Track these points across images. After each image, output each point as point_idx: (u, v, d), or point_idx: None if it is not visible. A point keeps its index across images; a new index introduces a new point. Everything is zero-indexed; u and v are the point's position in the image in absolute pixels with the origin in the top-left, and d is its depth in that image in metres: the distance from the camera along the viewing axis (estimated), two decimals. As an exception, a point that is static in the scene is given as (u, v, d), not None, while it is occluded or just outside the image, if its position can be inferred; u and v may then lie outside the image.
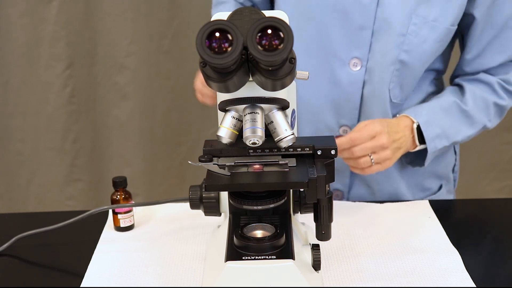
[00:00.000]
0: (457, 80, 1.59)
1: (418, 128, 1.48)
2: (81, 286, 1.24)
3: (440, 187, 1.68)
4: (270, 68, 0.99)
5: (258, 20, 0.95)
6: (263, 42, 0.95)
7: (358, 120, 1.55)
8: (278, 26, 0.95)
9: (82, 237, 1.43)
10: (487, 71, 1.54)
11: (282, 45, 0.95)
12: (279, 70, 0.99)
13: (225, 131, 1.09)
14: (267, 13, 1.01)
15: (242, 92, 1.07)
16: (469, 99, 1.52)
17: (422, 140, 1.50)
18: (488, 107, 1.53)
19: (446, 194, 1.68)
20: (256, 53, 0.95)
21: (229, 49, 0.95)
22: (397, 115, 1.52)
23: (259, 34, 0.95)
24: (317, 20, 1.49)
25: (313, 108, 1.56)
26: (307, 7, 1.50)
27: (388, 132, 1.42)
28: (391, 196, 1.61)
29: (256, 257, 1.10)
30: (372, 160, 1.41)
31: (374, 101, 1.51)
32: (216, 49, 0.95)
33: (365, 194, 1.62)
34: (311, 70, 1.41)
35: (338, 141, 1.39)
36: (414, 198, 1.62)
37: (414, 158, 1.57)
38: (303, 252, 1.16)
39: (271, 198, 1.13)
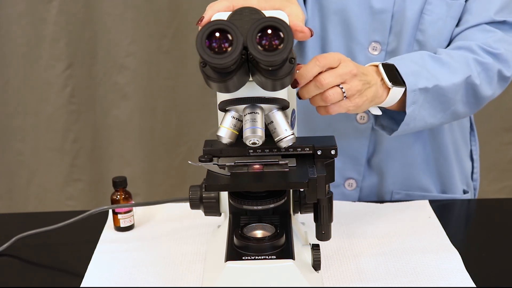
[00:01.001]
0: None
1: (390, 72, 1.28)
2: (81, 286, 1.24)
3: (464, 193, 1.65)
4: (270, 68, 0.99)
5: (258, 20, 0.95)
6: (263, 42, 0.95)
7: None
8: (278, 26, 0.95)
9: (82, 237, 1.43)
10: (464, 36, 1.44)
11: (282, 45, 0.95)
12: (279, 70, 0.99)
13: (225, 131, 1.09)
14: (267, 13, 1.01)
15: (242, 92, 1.07)
16: (442, 52, 1.38)
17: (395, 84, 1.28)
18: (467, 62, 1.36)
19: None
20: (256, 53, 0.95)
21: (229, 49, 0.95)
22: None
23: (259, 34, 0.95)
24: (336, 4, 1.46)
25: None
26: None
27: (352, 61, 1.21)
28: (408, 186, 1.58)
29: (256, 257, 1.10)
30: (344, 91, 1.17)
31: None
32: (216, 49, 0.95)
33: (378, 183, 1.59)
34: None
35: (303, 67, 1.15)
36: (436, 192, 1.61)
37: (390, 122, 1.39)
38: (303, 252, 1.16)
39: (271, 198, 1.13)
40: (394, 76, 1.27)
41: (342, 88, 1.17)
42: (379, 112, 1.30)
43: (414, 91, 1.29)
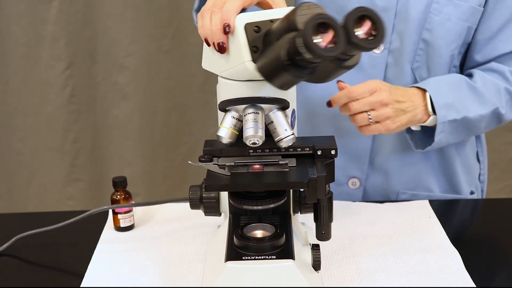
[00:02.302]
0: (467, 71, 1.54)
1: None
2: (81, 286, 1.24)
3: (471, 194, 1.66)
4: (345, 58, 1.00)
5: (356, 9, 0.95)
6: (361, 31, 0.95)
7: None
8: (369, 14, 0.95)
9: (82, 237, 1.43)
10: (498, 61, 1.49)
11: (376, 32, 0.95)
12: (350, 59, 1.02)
13: (225, 131, 1.09)
14: (275, 10, 1.06)
15: (242, 92, 1.07)
16: (478, 80, 1.46)
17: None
18: (499, 91, 1.46)
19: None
20: (358, 41, 0.94)
21: (332, 41, 0.93)
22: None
23: (356, 24, 0.95)
24: (338, 4, 1.46)
25: (331, 92, 1.49)
26: None
27: (390, 91, 1.37)
28: (413, 186, 1.59)
29: (256, 257, 1.10)
30: (370, 118, 1.35)
31: (397, 83, 1.47)
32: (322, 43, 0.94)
33: (382, 182, 1.60)
34: None
35: (336, 94, 1.36)
36: (441, 192, 1.62)
37: (422, 137, 1.50)
38: (303, 252, 1.16)
39: (271, 198, 1.13)
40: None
41: (369, 114, 1.35)
42: (418, 128, 1.47)
43: (443, 123, 1.42)
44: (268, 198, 1.13)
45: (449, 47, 1.47)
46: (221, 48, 1.04)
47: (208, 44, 1.08)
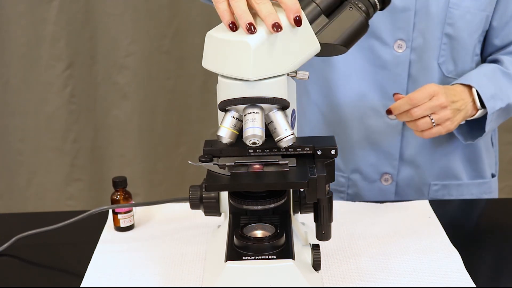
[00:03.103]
0: (491, 57, 1.57)
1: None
2: (81, 286, 1.24)
3: (492, 177, 1.74)
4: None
5: None
6: None
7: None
8: None
9: (82, 237, 1.43)
10: None
11: None
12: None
13: (225, 131, 1.09)
14: None
15: (242, 92, 1.07)
16: (509, 65, 1.51)
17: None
18: None
19: (494, 189, 1.73)
20: None
21: None
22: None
23: None
24: None
25: (358, 92, 1.56)
26: None
27: (445, 93, 1.42)
28: (443, 176, 1.63)
29: (256, 257, 1.10)
30: (433, 121, 1.40)
31: (423, 79, 1.52)
32: None
33: (414, 176, 1.62)
34: (354, 53, 1.49)
35: (396, 103, 1.42)
36: (469, 179, 1.66)
37: (469, 130, 1.55)
38: (303, 252, 1.16)
39: (271, 198, 1.13)
40: (479, 97, 1.46)
41: (432, 118, 1.40)
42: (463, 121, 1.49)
43: (492, 113, 1.47)
44: (268, 198, 1.13)
45: (471, 37, 1.51)
46: (279, 27, 1.03)
47: (235, 29, 1.05)
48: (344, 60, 1.52)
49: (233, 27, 1.05)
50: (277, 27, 1.02)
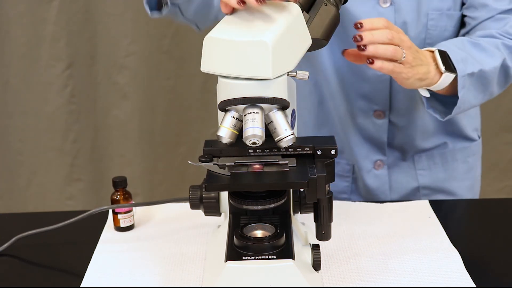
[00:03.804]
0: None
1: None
2: (81, 286, 1.24)
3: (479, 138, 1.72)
4: None
5: None
6: None
7: (390, 106, 1.59)
8: None
9: (82, 237, 1.43)
10: (480, 27, 1.51)
11: None
12: None
13: (225, 131, 1.09)
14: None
15: (242, 92, 1.07)
16: (478, 38, 1.48)
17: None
18: (497, 46, 1.45)
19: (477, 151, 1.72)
20: None
21: None
22: None
23: None
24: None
25: (345, 102, 1.60)
26: None
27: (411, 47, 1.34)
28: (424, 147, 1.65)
29: (256, 257, 1.10)
30: (404, 53, 1.27)
31: (406, 91, 1.53)
32: None
33: (400, 156, 1.65)
34: (339, 72, 1.55)
35: (372, 19, 1.29)
36: (453, 143, 1.67)
37: (443, 110, 1.49)
38: (303, 252, 1.16)
39: (271, 198, 1.13)
40: (446, 62, 1.37)
41: (404, 53, 1.28)
42: (427, 94, 1.41)
43: (463, 76, 1.38)
44: (268, 198, 1.13)
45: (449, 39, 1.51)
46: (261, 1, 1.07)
47: (243, 4, 1.08)
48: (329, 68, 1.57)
49: (241, 2, 1.08)
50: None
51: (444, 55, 1.37)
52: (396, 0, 1.48)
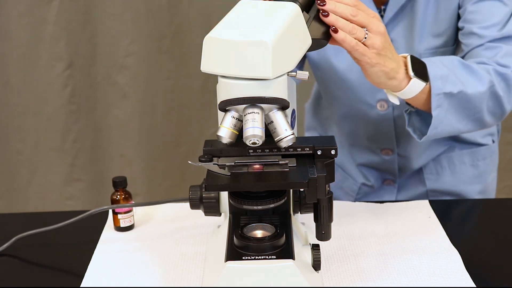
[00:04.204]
0: None
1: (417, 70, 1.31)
2: (81, 286, 1.24)
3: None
4: None
5: None
6: None
7: (397, 144, 1.64)
8: None
9: (82, 237, 1.43)
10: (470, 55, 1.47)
11: None
12: None
13: (225, 131, 1.09)
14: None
15: (242, 92, 1.07)
16: (469, 60, 1.42)
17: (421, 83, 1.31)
18: (489, 71, 1.38)
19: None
20: None
21: None
22: None
23: None
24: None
25: (353, 142, 1.66)
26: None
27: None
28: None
29: (256, 257, 1.10)
30: (366, 34, 1.21)
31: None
32: None
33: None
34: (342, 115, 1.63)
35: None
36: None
37: (420, 126, 1.43)
38: (303, 252, 1.16)
39: (271, 198, 1.13)
40: (421, 72, 1.30)
41: (366, 33, 1.21)
42: (397, 102, 1.33)
43: (438, 94, 1.31)
44: (268, 198, 1.13)
45: None
46: None
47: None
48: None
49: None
50: None
51: (421, 65, 1.31)
52: None
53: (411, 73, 1.28)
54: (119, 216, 1.42)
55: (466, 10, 1.46)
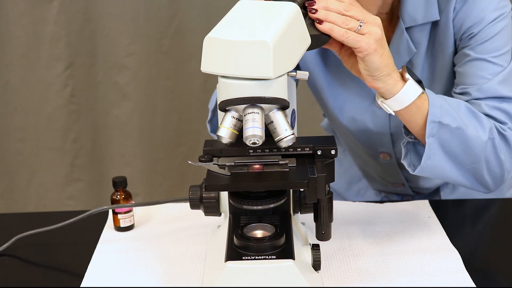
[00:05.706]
0: None
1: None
2: (81, 286, 1.24)
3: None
4: None
5: None
6: None
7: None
8: None
9: (82, 237, 1.43)
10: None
11: None
12: None
13: (225, 131, 1.09)
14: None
15: (242, 92, 1.07)
16: (476, 108, 1.34)
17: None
18: (491, 128, 1.32)
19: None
20: None
21: None
22: None
23: None
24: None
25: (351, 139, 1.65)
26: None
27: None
28: None
29: (256, 257, 1.10)
30: (361, 25, 1.17)
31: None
32: None
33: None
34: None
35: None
36: None
37: (414, 160, 1.37)
38: (303, 252, 1.16)
39: (271, 198, 1.13)
40: (418, 81, 1.25)
41: (361, 24, 1.16)
42: (391, 111, 1.26)
43: (434, 122, 1.25)
44: (268, 198, 1.13)
45: None
46: None
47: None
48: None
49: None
50: None
51: (416, 78, 1.25)
52: None
53: (407, 75, 1.23)
54: (119, 216, 1.42)
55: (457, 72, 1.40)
